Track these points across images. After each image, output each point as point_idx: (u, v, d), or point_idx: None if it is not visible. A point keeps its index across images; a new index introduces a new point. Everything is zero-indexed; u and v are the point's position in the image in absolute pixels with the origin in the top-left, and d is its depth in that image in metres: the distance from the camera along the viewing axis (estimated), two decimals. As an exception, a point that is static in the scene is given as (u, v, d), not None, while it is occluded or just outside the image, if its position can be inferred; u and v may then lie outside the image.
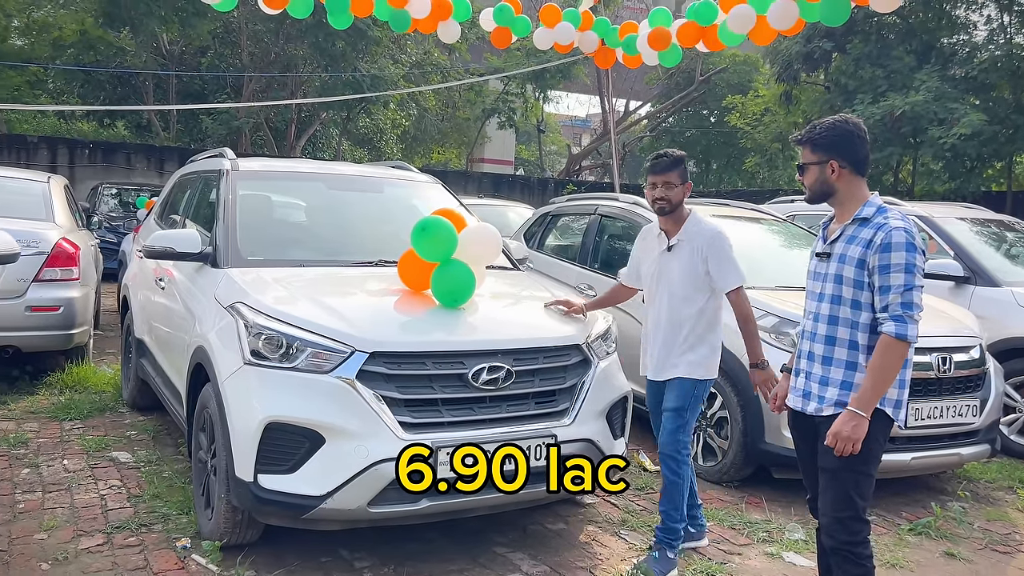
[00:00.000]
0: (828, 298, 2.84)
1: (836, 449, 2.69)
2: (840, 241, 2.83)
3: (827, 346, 2.84)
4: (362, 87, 19.10)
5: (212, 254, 4.30)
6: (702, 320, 3.71)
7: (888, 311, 2.69)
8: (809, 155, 2.88)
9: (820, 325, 2.87)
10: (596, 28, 8.24)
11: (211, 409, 3.69)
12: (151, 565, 3.54)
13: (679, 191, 3.71)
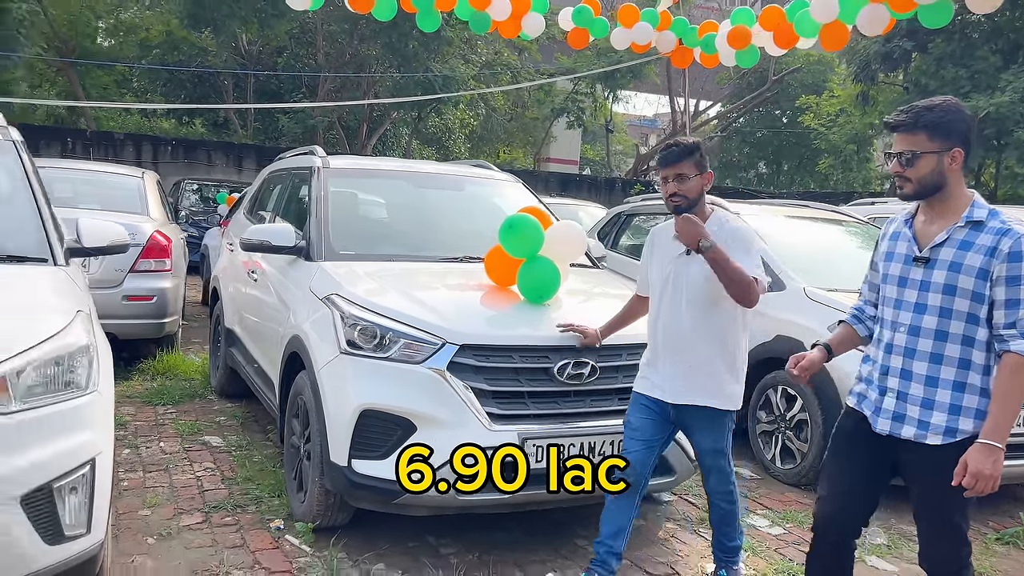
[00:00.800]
0: (935, 311, 2.51)
1: (975, 488, 2.37)
2: (946, 246, 2.50)
3: (932, 364, 2.52)
4: (434, 87, 19.39)
5: (305, 248, 4.46)
6: (736, 331, 3.26)
7: (1017, 327, 2.40)
8: (926, 142, 2.49)
9: (922, 340, 2.53)
10: (674, 28, 8.23)
11: (306, 396, 3.85)
12: (248, 544, 3.71)
13: (695, 183, 3.19)
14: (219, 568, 3.44)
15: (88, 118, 18.78)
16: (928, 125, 2.49)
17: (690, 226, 3.06)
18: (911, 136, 2.52)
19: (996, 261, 2.42)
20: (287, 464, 4.19)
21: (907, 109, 2.56)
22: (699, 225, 3.06)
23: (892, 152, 2.58)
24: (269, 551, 3.64)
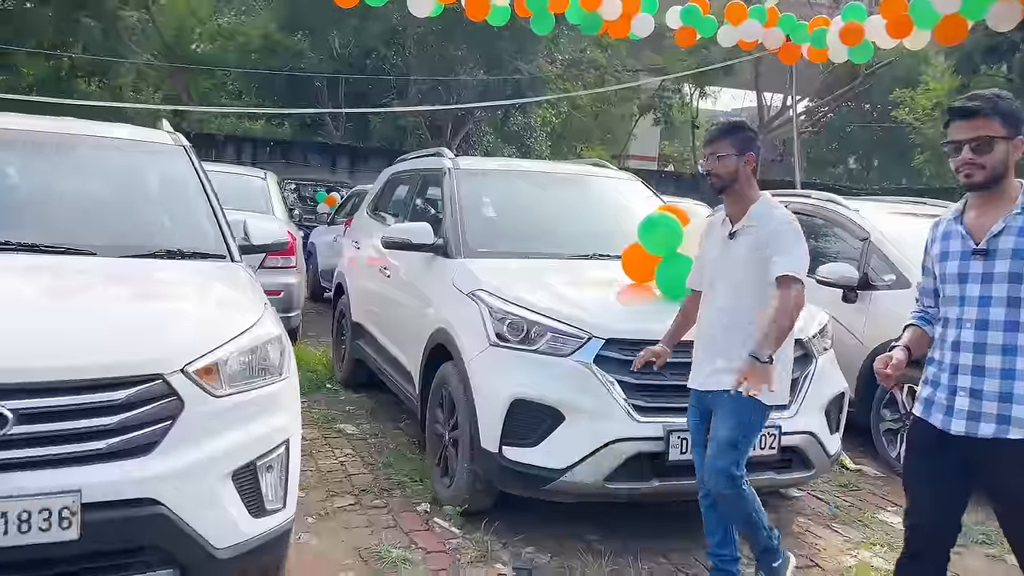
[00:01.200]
0: (1001, 301, 2.46)
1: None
2: (1004, 235, 2.46)
3: (1005, 357, 2.45)
4: (520, 86, 19.59)
5: (443, 245, 4.66)
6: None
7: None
8: (1000, 128, 2.45)
9: (991, 334, 2.47)
10: (782, 24, 8.19)
11: (452, 386, 4.05)
12: (400, 525, 3.92)
13: (731, 164, 3.13)
14: (379, 547, 3.65)
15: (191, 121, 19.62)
16: (1002, 112, 2.46)
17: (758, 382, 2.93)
18: (987, 122, 2.46)
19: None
20: (430, 450, 4.40)
21: (975, 96, 2.52)
22: (758, 378, 2.92)
23: (962, 140, 2.49)
24: (422, 532, 3.85)
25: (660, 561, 3.68)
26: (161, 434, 2.53)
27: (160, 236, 3.63)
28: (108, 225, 3.61)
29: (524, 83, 19.50)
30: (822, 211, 6.27)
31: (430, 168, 5.61)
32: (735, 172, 3.16)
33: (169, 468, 2.52)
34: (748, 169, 3.17)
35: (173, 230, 3.70)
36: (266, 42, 18.16)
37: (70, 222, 3.50)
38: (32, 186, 3.67)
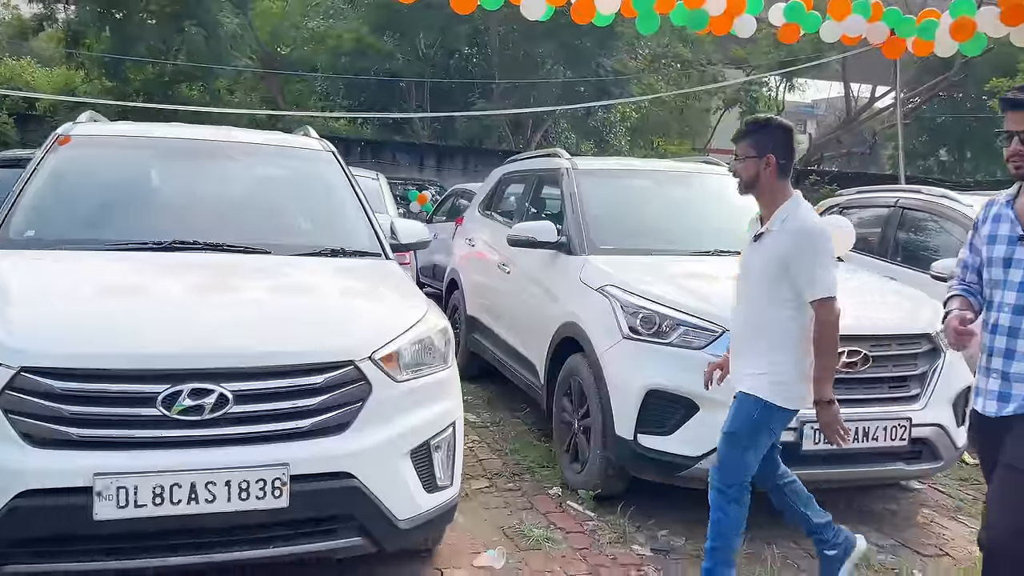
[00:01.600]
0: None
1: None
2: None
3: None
4: (604, 83, 19.71)
5: (567, 243, 4.87)
6: (783, 330, 3.02)
7: None
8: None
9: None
10: (886, 18, 8.13)
11: (582, 377, 4.25)
12: (536, 507, 4.16)
13: (751, 165, 3.06)
14: (520, 526, 3.89)
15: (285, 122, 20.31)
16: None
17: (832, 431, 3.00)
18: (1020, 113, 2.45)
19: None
20: (557, 438, 4.62)
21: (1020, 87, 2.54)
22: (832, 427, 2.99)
23: (1013, 130, 2.50)
24: (557, 514, 4.08)
25: (791, 546, 3.83)
26: (353, 415, 2.81)
27: (323, 236, 3.93)
28: (277, 226, 3.94)
29: (608, 79, 19.59)
30: (935, 206, 6.25)
31: (546, 168, 5.83)
32: (756, 174, 3.07)
33: (360, 445, 2.80)
34: (770, 171, 3.05)
35: (333, 230, 4.00)
36: (358, 45, 18.67)
37: (244, 223, 3.84)
38: (209, 190, 4.02)
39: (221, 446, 2.62)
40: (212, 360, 2.65)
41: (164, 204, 3.93)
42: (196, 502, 2.55)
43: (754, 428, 3.04)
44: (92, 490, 2.46)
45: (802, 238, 2.96)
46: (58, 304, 2.88)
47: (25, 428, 2.49)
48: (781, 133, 3.10)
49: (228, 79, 18.20)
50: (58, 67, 25.18)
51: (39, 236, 3.52)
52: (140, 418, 2.56)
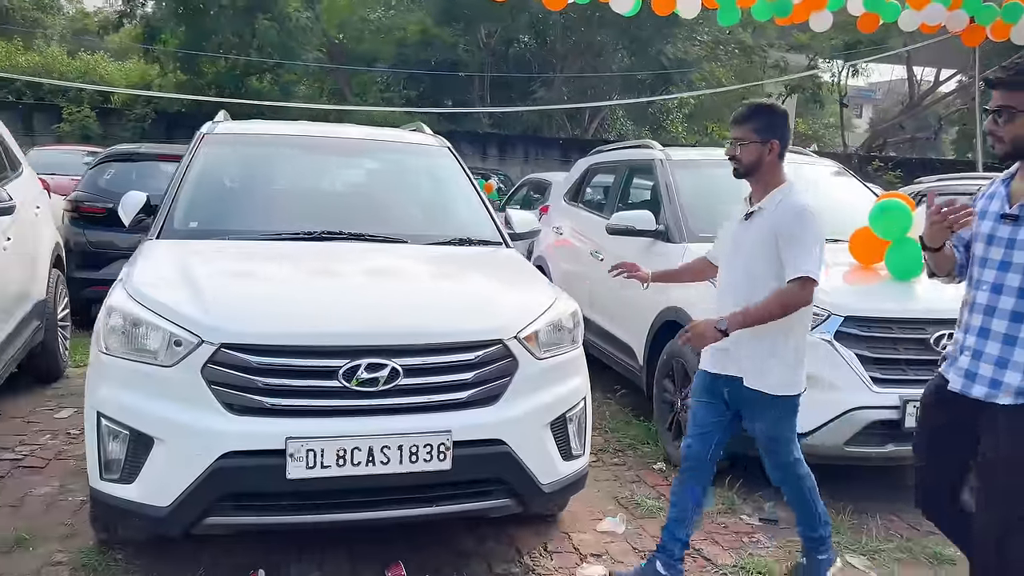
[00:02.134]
0: (1019, 268, 2.44)
1: None
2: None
3: (1011, 323, 2.45)
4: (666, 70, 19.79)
5: (665, 231, 5.11)
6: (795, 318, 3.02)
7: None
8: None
9: (1004, 298, 2.47)
10: (966, 6, 8.15)
11: (687, 358, 4.49)
12: (643, 480, 4.42)
13: (752, 150, 3.03)
14: (633, 497, 4.16)
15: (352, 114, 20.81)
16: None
17: (696, 341, 3.04)
18: (1011, 93, 2.43)
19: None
20: (659, 416, 4.87)
21: (1008, 66, 2.48)
22: (701, 336, 3.01)
23: (990, 108, 2.48)
24: (664, 487, 4.33)
25: (892, 519, 4.03)
26: (503, 388, 3.11)
27: (450, 226, 4.23)
28: (409, 217, 4.26)
29: (673, 66, 19.67)
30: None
31: (639, 159, 6.06)
32: (758, 159, 3.05)
33: (510, 416, 3.09)
34: (773, 156, 3.04)
35: (458, 220, 4.30)
36: (423, 36, 19.03)
37: (380, 215, 4.16)
38: (344, 183, 4.35)
39: (393, 414, 2.93)
40: (385, 338, 2.96)
41: (306, 196, 4.27)
42: (373, 464, 2.86)
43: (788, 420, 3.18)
44: (285, 452, 2.78)
45: (797, 218, 2.95)
46: (245, 288, 3.22)
47: (226, 398, 2.83)
48: (782, 119, 3.11)
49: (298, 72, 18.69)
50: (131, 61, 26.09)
51: (202, 227, 3.87)
52: (324, 389, 2.88)
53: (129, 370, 2.94)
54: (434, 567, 3.32)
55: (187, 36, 17.66)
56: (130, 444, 2.88)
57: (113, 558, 3.24)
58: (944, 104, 27.22)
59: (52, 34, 33.23)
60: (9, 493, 3.84)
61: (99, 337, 3.05)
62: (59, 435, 4.63)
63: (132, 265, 3.47)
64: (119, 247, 7.17)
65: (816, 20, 7.71)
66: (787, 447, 3.23)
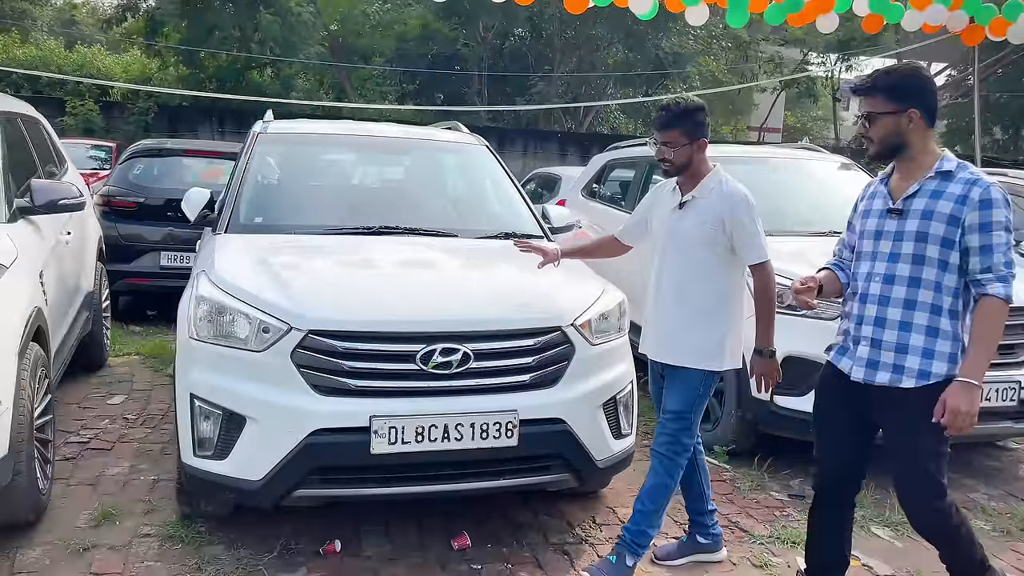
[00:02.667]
0: (908, 258, 2.62)
1: (953, 426, 2.49)
2: (918, 197, 2.62)
3: (905, 310, 2.62)
4: (664, 65, 20.07)
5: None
6: (714, 296, 3.17)
7: (993, 271, 2.53)
8: (883, 104, 2.62)
9: (896, 288, 2.64)
10: (966, 7, 8.42)
11: (716, 346, 4.75)
12: (675, 460, 4.68)
13: (683, 152, 3.13)
14: (667, 475, 4.42)
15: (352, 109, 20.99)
16: (884, 88, 2.62)
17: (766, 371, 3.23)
18: (869, 99, 2.65)
19: (967, 209, 2.53)
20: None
21: (870, 74, 2.72)
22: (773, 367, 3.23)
23: (859, 114, 2.73)
24: (695, 466, 4.60)
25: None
26: (561, 371, 3.36)
27: (495, 220, 4.47)
28: (457, 212, 4.50)
29: (667, 61, 19.94)
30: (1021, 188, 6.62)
31: (659, 156, 6.30)
32: (689, 159, 3.15)
33: (568, 397, 3.34)
34: (702, 152, 3.17)
35: (502, 215, 4.54)
36: (424, 31, 19.20)
37: (430, 210, 4.39)
38: (394, 180, 4.59)
39: (465, 395, 3.18)
40: (457, 324, 3.21)
41: (359, 193, 4.51)
42: (448, 440, 3.11)
43: (701, 398, 3.25)
44: (370, 429, 3.02)
45: (743, 205, 3.09)
46: (325, 278, 3.45)
47: (313, 380, 3.07)
48: (703, 114, 3.18)
49: (298, 65, 18.84)
50: (128, 53, 26.09)
51: (266, 222, 4.10)
52: (403, 371, 3.12)
53: (219, 354, 3.18)
54: (495, 538, 3.57)
55: (189, 30, 17.76)
56: (223, 423, 3.11)
57: (196, 531, 3.47)
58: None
59: (41, 26, 33.18)
60: (84, 473, 4.06)
61: (189, 324, 3.28)
62: (117, 420, 4.85)
63: (209, 256, 3.68)
64: (148, 240, 7.42)
65: (823, 22, 7.96)
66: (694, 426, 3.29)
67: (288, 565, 3.27)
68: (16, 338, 3.24)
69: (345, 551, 3.39)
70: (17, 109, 4.82)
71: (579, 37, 21.14)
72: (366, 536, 3.53)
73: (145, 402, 5.22)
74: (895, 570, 3.54)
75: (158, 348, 6.46)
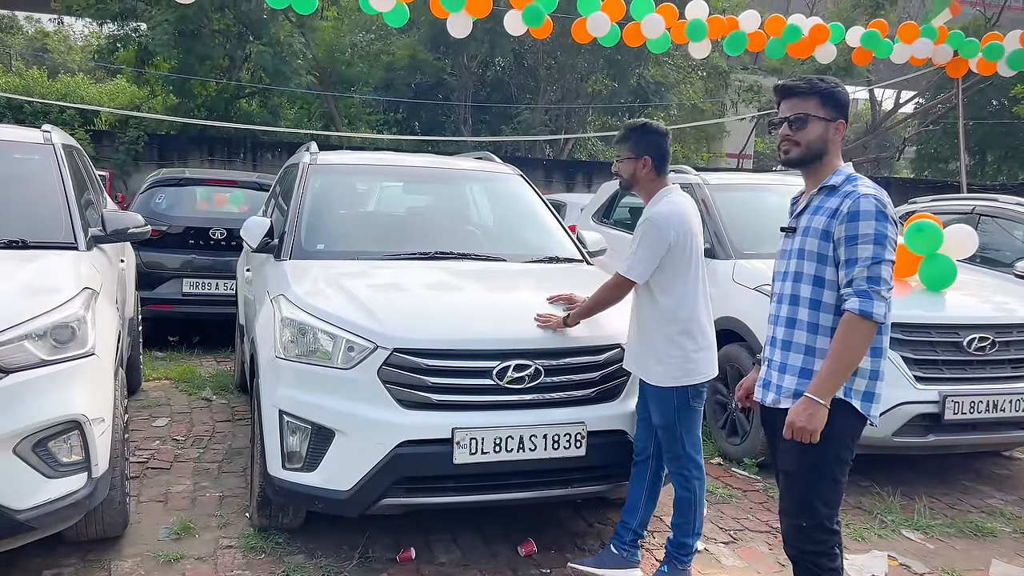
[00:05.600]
0: (790, 276, 2.58)
1: (796, 438, 2.46)
2: (805, 213, 2.58)
3: (787, 329, 2.58)
4: (646, 94, 20.57)
5: (711, 249, 5.64)
6: (658, 314, 3.31)
7: (853, 286, 2.43)
8: (818, 108, 2.53)
9: (783, 307, 2.60)
10: (951, 41, 8.90)
11: (742, 363, 5.02)
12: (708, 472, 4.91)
13: (627, 166, 3.39)
14: (703, 486, 4.66)
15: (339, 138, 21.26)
16: (821, 93, 2.54)
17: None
18: (803, 101, 2.55)
19: (836, 222, 2.46)
20: (712, 416, 5.38)
21: (801, 77, 2.64)
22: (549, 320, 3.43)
23: (782, 116, 2.60)
24: (727, 478, 4.85)
25: (936, 500, 4.59)
26: (622, 386, 3.60)
27: (539, 245, 4.70)
28: (502, 238, 4.74)
29: (649, 89, 20.45)
30: (1012, 212, 7.01)
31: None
32: (633, 173, 3.39)
33: (628, 409, 3.58)
34: (647, 171, 3.36)
35: (543, 240, 4.77)
36: (412, 61, 19.52)
37: (476, 236, 4.63)
38: (441, 208, 4.83)
39: (538, 408, 3.40)
40: (528, 342, 3.43)
41: (410, 220, 4.74)
42: (523, 450, 3.33)
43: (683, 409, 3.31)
44: (452, 440, 3.23)
45: (641, 225, 3.31)
46: (402, 300, 3.67)
47: (398, 395, 3.28)
48: (656, 136, 3.38)
49: (287, 94, 19.06)
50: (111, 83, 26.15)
51: (328, 248, 4.31)
52: (481, 386, 3.34)
53: (305, 372, 3.38)
54: (557, 545, 3.78)
55: (181, 60, 17.91)
56: (311, 437, 3.30)
57: (275, 542, 3.64)
58: (905, 125, 28.48)
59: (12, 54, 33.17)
60: (151, 490, 4.22)
61: (274, 344, 3.47)
62: (167, 441, 5.00)
63: (282, 280, 3.87)
64: (170, 268, 7.57)
65: (822, 53, 8.38)
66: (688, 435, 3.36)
67: (369, 572, 3.46)
68: (113, 358, 3.42)
69: (419, 558, 3.58)
70: (72, 142, 5.00)
71: (562, 67, 21.59)
72: (435, 545, 3.73)
73: (189, 424, 5.36)
74: (931, 569, 3.78)
75: (187, 372, 6.60)
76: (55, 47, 36.54)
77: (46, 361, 3.00)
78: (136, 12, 17.90)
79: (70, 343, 3.11)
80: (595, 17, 8.65)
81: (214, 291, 7.57)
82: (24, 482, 2.90)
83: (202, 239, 7.67)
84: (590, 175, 21.69)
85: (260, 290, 4.26)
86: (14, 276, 3.39)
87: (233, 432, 5.20)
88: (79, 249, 3.89)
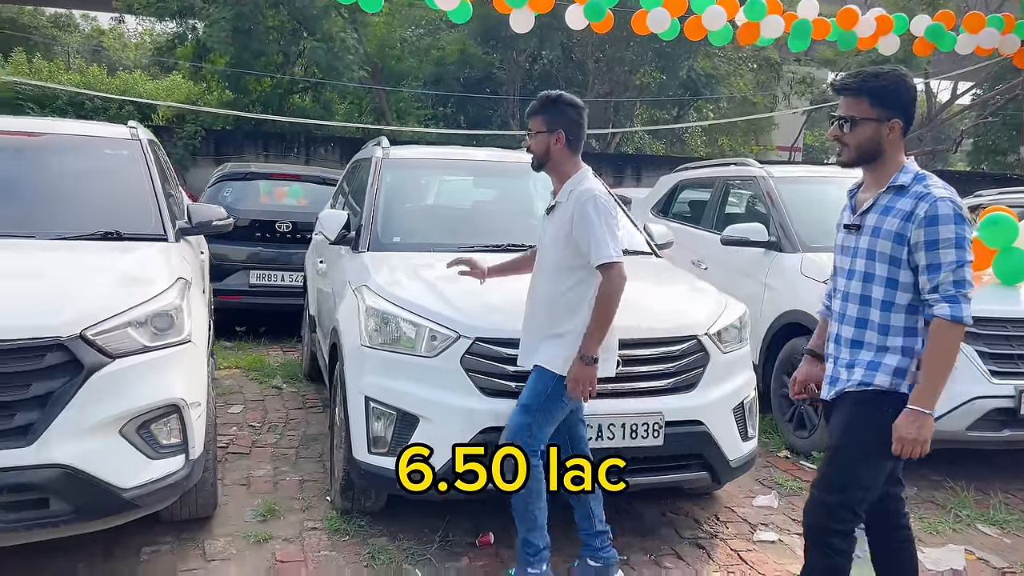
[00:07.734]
0: (860, 276, 2.54)
1: (903, 453, 2.42)
2: (872, 212, 2.52)
3: (857, 329, 2.56)
4: (696, 86, 20.44)
5: (777, 242, 5.64)
6: (565, 301, 3.09)
7: (940, 291, 2.41)
8: (867, 108, 2.48)
9: (851, 306, 2.58)
10: (1017, 31, 8.71)
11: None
12: (775, 465, 4.93)
13: (541, 140, 3.13)
14: (772, 479, 4.67)
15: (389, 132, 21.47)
16: (872, 92, 2.47)
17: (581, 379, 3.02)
18: (854, 101, 2.51)
19: (912, 226, 2.42)
20: (778, 410, 5.38)
21: (855, 74, 2.56)
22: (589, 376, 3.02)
23: (835, 116, 2.57)
24: (795, 470, 4.85)
25: (1011, 495, 4.54)
26: (699, 377, 3.63)
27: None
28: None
29: (700, 82, 20.31)
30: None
31: (738, 175, 6.61)
32: (546, 149, 3.14)
33: (706, 400, 3.61)
34: (560, 146, 3.11)
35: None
36: (462, 56, 19.65)
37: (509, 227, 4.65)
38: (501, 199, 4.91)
39: (618, 398, 3.45)
40: (609, 334, 3.48)
41: (480, 213, 4.82)
42: (602, 439, 3.39)
43: (550, 399, 3.08)
44: (533, 428, 3.29)
45: (580, 205, 3.02)
46: (481, 290, 3.74)
47: (479, 383, 3.36)
48: (571, 110, 3.14)
49: (339, 89, 19.33)
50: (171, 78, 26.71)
51: (404, 240, 4.41)
52: (561, 376, 3.40)
53: (390, 360, 3.48)
54: (632, 534, 3.83)
55: (236, 56, 18.26)
56: (396, 423, 3.40)
57: (358, 525, 3.75)
58: (961, 117, 27.83)
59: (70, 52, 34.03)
60: (234, 474, 4.36)
61: (360, 333, 3.57)
62: (244, 427, 5.15)
63: (362, 272, 3.97)
64: (237, 260, 7.76)
65: (884, 44, 8.26)
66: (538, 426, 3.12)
67: (451, 556, 3.55)
68: (206, 345, 3.55)
69: (498, 543, 3.66)
70: (153, 138, 5.17)
71: (611, 60, 21.52)
72: (513, 529, 3.78)
73: (264, 411, 5.51)
74: (1009, 564, 3.76)
75: (257, 361, 6.78)
76: (110, 44, 37.46)
77: (148, 347, 3.14)
78: (194, 9, 18.28)
79: (169, 330, 3.24)
80: (655, 12, 8.62)
81: (280, 283, 7.75)
82: (129, 462, 3.04)
83: (268, 232, 7.85)
84: (639, 169, 21.60)
85: (339, 281, 4.37)
86: (113, 266, 3.54)
87: (307, 419, 5.34)
88: (168, 241, 4.04)
